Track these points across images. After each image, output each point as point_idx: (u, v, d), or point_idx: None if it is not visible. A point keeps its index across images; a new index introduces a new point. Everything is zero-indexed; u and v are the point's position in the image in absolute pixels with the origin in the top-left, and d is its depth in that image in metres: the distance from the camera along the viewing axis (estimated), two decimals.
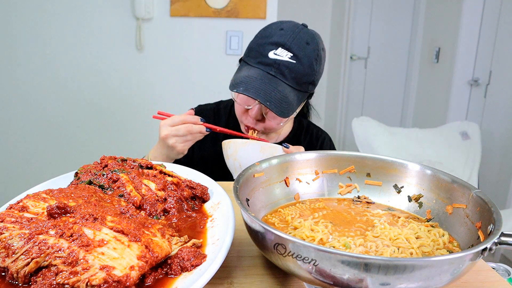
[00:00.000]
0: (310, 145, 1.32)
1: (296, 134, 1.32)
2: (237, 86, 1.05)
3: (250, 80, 1.04)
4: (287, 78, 1.06)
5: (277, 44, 1.06)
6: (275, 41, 1.07)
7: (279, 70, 1.05)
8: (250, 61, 1.10)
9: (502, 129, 3.06)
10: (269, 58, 1.05)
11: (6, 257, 0.55)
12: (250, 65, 1.09)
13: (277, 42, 1.06)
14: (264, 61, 1.06)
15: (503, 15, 3.09)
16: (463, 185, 0.73)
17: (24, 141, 2.59)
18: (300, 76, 1.07)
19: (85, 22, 2.45)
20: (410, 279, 0.51)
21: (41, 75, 2.50)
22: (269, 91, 1.03)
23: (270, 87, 1.03)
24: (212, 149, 1.29)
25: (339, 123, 4.35)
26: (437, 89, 3.69)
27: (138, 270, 0.53)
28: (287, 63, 1.05)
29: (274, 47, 1.06)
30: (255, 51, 1.09)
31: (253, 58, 1.09)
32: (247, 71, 1.08)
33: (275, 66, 1.05)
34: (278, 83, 1.05)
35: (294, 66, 1.05)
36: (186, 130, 1.05)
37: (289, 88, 1.06)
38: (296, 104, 1.09)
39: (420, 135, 3.02)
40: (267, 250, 0.59)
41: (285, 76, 1.05)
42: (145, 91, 2.58)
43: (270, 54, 1.06)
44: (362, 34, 4.19)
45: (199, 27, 2.49)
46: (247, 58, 1.12)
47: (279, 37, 1.07)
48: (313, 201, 0.83)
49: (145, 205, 0.72)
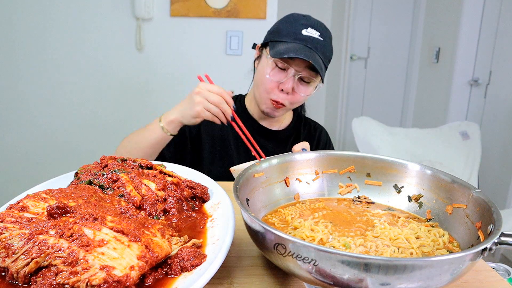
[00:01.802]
0: (309, 135, 1.42)
1: (296, 124, 1.42)
2: (285, 53, 1.15)
3: (294, 49, 1.16)
4: (319, 52, 1.19)
5: (307, 25, 1.21)
6: (304, 22, 1.21)
7: (313, 44, 1.18)
8: (284, 39, 1.20)
9: (502, 129, 3.06)
10: (303, 34, 1.18)
11: (6, 257, 0.55)
12: (285, 41, 1.19)
13: (306, 24, 1.21)
14: (300, 37, 1.18)
15: (503, 15, 3.09)
16: (463, 185, 0.73)
17: (24, 141, 2.59)
18: (326, 52, 1.21)
19: (85, 22, 2.45)
20: (410, 279, 0.51)
21: (41, 75, 2.50)
22: (313, 58, 1.16)
23: (312, 56, 1.16)
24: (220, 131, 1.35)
25: (339, 123, 4.35)
26: (437, 89, 3.69)
27: (138, 270, 0.53)
28: (318, 40, 1.19)
29: (305, 27, 1.20)
30: (287, 31, 1.21)
31: (286, 36, 1.20)
32: (285, 45, 1.18)
33: (309, 41, 1.18)
34: (314, 54, 1.18)
35: (323, 42, 1.20)
36: (217, 100, 1.09)
37: (320, 59, 1.19)
38: (324, 75, 1.22)
39: (420, 135, 3.02)
40: (267, 250, 0.59)
41: (318, 50, 1.19)
42: (145, 91, 2.58)
43: (303, 31, 1.19)
44: (362, 34, 4.18)
45: (199, 27, 2.49)
46: (279, 37, 1.22)
47: (306, 20, 1.22)
48: (313, 201, 0.83)
49: (145, 205, 0.72)
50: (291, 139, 1.39)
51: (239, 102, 1.40)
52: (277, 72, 1.21)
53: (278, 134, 1.38)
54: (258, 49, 1.31)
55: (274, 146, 1.36)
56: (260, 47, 1.30)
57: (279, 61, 1.19)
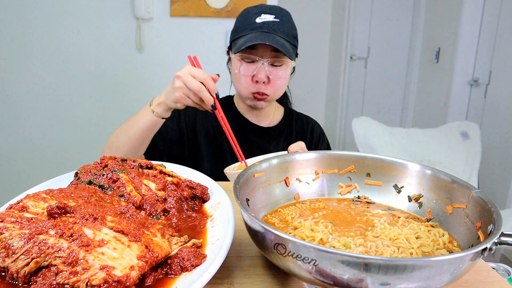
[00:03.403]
0: (301, 130, 1.41)
1: (287, 120, 1.42)
2: (242, 45, 1.15)
3: (250, 38, 1.16)
4: (278, 32, 1.19)
5: (259, 12, 1.21)
6: (256, 11, 1.22)
7: (269, 28, 1.19)
8: (242, 33, 1.21)
9: (502, 129, 3.06)
10: (257, 22, 1.20)
11: (6, 257, 0.55)
12: (244, 35, 1.20)
13: (258, 11, 1.21)
14: (254, 26, 1.20)
15: (503, 15, 3.09)
16: (463, 185, 0.73)
17: (24, 141, 2.59)
18: (287, 30, 1.21)
19: (85, 22, 2.45)
20: (410, 279, 0.51)
21: (41, 75, 2.50)
22: (271, 39, 1.15)
23: (270, 38, 1.16)
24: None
25: (339, 123, 4.35)
26: (437, 89, 3.69)
27: (138, 270, 0.53)
28: (273, 22, 1.20)
29: (257, 15, 1.21)
30: (242, 25, 1.22)
31: (242, 30, 1.21)
32: (243, 39, 1.19)
33: (265, 26, 1.19)
34: (273, 36, 1.18)
35: (279, 23, 1.20)
36: (196, 87, 1.03)
37: (282, 39, 1.19)
38: (293, 52, 1.22)
39: (420, 135, 3.02)
40: (267, 250, 0.59)
41: (276, 31, 1.19)
42: (145, 91, 2.58)
43: (257, 20, 1.20)
44: (362, 34, 4.18)
45: (199, 27, 2.49)
46: (237, 34, 1.23)
47: (258, 9, 1.22)
48: (313, 201, 0.83)
49: (145, 205, 0.72)
50: (283, 135, 1.39)
51: (229, 102, 1.40)
52: (246, 66, 1.21)
53: (270, 130, 1.38)
54: (227, 52, 1.32)
55: (266, 143, 1.36)
56: (228, 49, 1.31)
57: (242, 55, 1.19)
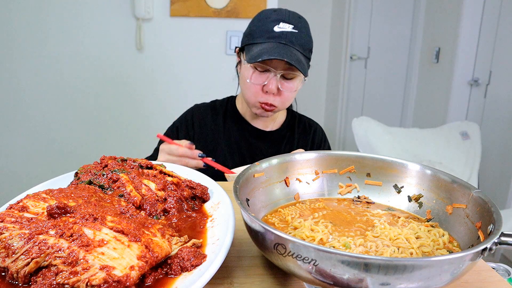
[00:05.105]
0: (304, 132, 1.40)
1: (290, 122, 1.41)
2: (259, 57, 1.13)
3: (267, 50, 1.13)
4: (295, 45, 1.16)
5: (278, 20, 1.17)
6: (275, 18, 1.18)
7: (287, 39, 1.16)
8: (258, 40, 1.18)
9: (502, 129, 3.06)
10: (275, 31, 1.16)
11: (6, 257, 0.55)
12: (259, 43, 1.17)
13: (277, 19, 1.17)
14: (272, 35, 1.16)
15: (503, 15, 3.09)
16: (463, 185, 0.73)
17: (24, 141, 2.59)
18: (304, 43, 1.18)
19: (85, 22, 2.45)
20: (410, 279, 0.51)
21: (41, 74, 2.50)
22: (288, 54, 1.13)
23: (288, 52, 1.13)
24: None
25: (339, 123, 4.35)
26: (437, 89, 3.68)
27: (138, 270, 0.53)
28: (292, 33, 1.16)
29: (276, 23, 1.17)
30: (259, 31, 1.18)
31: (259, 37, 1.18)
32: (259, 47, 1.16)
33: (283, 36, 1.16)
34: (290, 49, 1.15)
35: (298, 35, 1.17)
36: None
37: (299, 53, 1.17)
38: (307, 67, 1.20)
39: (420, 135, 3.02)
40: (267, 250, 0.59)
41: (294, 44, 1.16)
42: (145, 91, 2.58)
43: (275, 28, 1.16)
44: (362, 34, 4.18)
45: (199, 27, 2.49)
46: (252, 40, 1.20)
47: (277, 15, 1.19)
48: (313, 201, 0.83)
49: (145, 205, 0.72)
50: (285, 138, 1.38)
51: (230, 104, 1.39)
52: (258, 75, 1.19)
53: (272, 134, 1.37)
54: (237, 54, 1.30)
55: (268, 147, 1.35)
56: (238, 51, 1.28)
57: (256, 64, 1.17)
